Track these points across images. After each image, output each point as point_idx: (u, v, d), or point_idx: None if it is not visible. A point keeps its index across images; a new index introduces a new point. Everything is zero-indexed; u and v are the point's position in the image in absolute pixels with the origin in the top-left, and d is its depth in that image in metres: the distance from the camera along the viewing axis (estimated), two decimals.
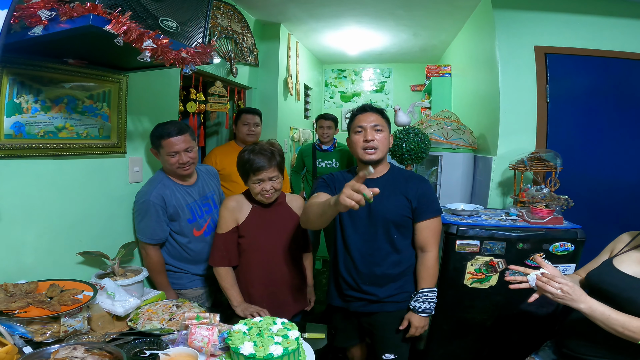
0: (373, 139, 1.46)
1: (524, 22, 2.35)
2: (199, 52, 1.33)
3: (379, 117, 1.51)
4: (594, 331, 1.09)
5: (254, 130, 2.51)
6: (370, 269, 1.52)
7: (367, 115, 1.51)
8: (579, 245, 1.72)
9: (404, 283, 1.55)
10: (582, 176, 2.27)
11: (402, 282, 1.55)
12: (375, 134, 1.47)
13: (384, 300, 1.53)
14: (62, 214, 1.44)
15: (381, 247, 1.51)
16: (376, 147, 1.47)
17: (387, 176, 1.55)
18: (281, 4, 2.83)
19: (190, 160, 1.68)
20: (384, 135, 1.50)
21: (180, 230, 1.72)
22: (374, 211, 1.49)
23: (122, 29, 1.04)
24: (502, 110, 2.31)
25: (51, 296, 1.12)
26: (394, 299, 1.54)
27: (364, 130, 1.48)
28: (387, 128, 1.52)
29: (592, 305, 1.08)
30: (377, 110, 1.54)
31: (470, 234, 1.76)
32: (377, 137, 1.47)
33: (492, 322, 1.87)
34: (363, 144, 1.48)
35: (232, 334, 1.06)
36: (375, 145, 1.47)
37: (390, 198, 1.49)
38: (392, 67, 4.85)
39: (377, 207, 1.48)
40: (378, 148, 1.47)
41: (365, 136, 1.47)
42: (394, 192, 1.50)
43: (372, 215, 1.50)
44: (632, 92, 2.30)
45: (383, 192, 1.45)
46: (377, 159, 1.49)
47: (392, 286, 1.53)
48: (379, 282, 1.52)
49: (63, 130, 1.40)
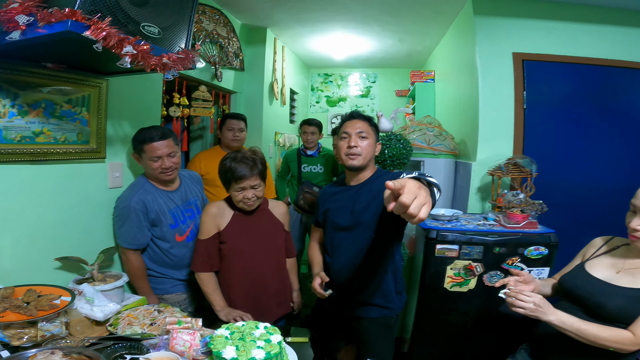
0: (356, 145, 1.49)
1: (503, 29, 2.40)
2: (181, 58, 1.33)
3: (365, 125, 1.53)
4: (567, 338, 1.12)
5: (239, 136, 2.51)
6: (352, 273, 1.53)
7: (353, 122, 1.54)
8: (553, 249, 1.78)
9: (385, 285, 1.54)
10: (558, 181, 2.33)
11: (383, 285, 1.54)
12: (359, 141, 1.50)
13: (368, 303, 1.54)
14: (40, 220, 1.42)
15: (362, 251, 1.52)
16: (359, 154, 1.50)
17: (367, 183, 1.55)
18: (267, 8, 2.84)
19: (173, 165, 1.68)
20: (369, 143, 1.51)
21: (162, 235, 1.71)
22: (355, 220, 1.51)
23: (101, 35, 1.04)
24: (482, 116, 2.36)
25: (28, 301, 1.11)
26: (377, 301, 1.53)
27: (349, 136, 1.51)
28: (372, 135, 1.54)
29: (561, 318, 1.11)
30: (365, 118, 1.56)
31: (449, 238, 1.80)
32: (362, 144, 1.50)
33: (473, 325, 1.91)
34: (346, 150, 1.51)
35: (215, 339, 1.06)
36: (358, 152, 1.49)
37: (368, 205, 1.49)
38: (378, 72, 4.91)
39: (357, 217, 1.50)
40: (361, 155, 1.50)
41: (349, 142, 1.50)
42: (374, 198, 1.49)
43: (355, 223, 1.51)
44: (606, 99, 2.37)
45: (361, 199, 1.49)
46: (359, 165, 1.51)
47: (374, 289, 1.54)
48: (362, 284, 1.53)
49: (40, 135, 1.38)
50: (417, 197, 0.77)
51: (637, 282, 1.11)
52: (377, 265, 1.52)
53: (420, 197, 0.77)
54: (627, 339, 1.04)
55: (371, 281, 1.53)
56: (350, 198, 1.54)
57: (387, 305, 1.54)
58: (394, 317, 1.58)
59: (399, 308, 1.57)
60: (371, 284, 1.53)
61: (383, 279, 1.53)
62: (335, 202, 1.59)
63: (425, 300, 1.93)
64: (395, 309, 1.56)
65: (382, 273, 1.52)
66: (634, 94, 2.37)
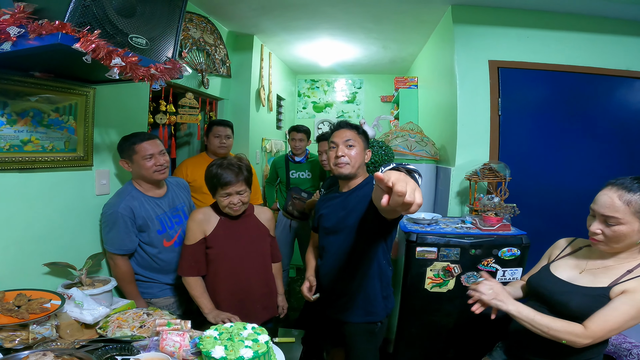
0: (343, 154, 1.52)
1: (480, 37, 2.46)
2: (168, 68, 1.36)
3: (353, 133, 1.56)
4: (537, 335, 1.17)
5: (226, 143, 2.52)
6: (337, 276, 1.58)
7: (341, 132, 1.57)
8: (525, 250, 1.87)
9: (370, 290, 1.56)
10: (530, 185, 2.42)
11: (368, 289, 1.55)
12: (347, 150, 1.53)
13: (351, 307, 1.56)
14: (29, 226, 1.44)
15: (346, 255, 1.55)
16: (347, 162, 1.53)
17: (356, 189, 1.57)
18: (254, 16, 2.89)
19: (165, 162, 1.72)
20: (356, 151, 1.54)
21: (150, 241, 1.74)
22: (341, 225, 1.55)
23: (90, 47, 1.07)
24: (460, 122, 2.44)
25: (19, 305, 1.14)
26: (360, 305, 1.55)
27: (337, 146, 1.55)
28: (361, 143, 1.57)
29: (518, 308, 1.18)
30: (352, 127, 1.59)
31: (428, 241, 1.88)
32: (350, 153, 1.53)
33: (455, 325, 1.97)
34: (334, 160, 1.55)
35: (204, 339, 1.10)
36: (346, 160, 1.53)
37: (353, 209, 1.52)
38: (363, 78, 4.99)
39: (342, 221, 1.54)
40: (349, 163, 1.53)
41: (337, 152, 1.54)
42: (359, 202, 1.51)
43: (340, 228, 1.56)
44: (576, 105, 2.46)
45: (349, 204, 1.53)
46: (348, 173, 1.54)
47: (357, 292, 1.56)
48: (345, 288, 1.57)
49: (28, 144, 1.40)
50: (408, 183, 0.76)
51: (597, 282, 1.18)
52: (360, 269, 1.54)
53: (410, 182, 0.77)
54: (578, 331, 1.09)
55: (355, 285, 1.55)
56: (340, 204, 1.58)
57: (371, 310, 1.56)
58: (379, 323, 1.59)
59: (383, 313, 1.58)
60: (355, 287, 1.55)
61: (367, 283, 1.55)
62: (327, 207, 1.64)
63: (408, 301, 1.98)
64: (379, 314, 1.57)
65: (366, 277, 1.54)
66: (602, 100, 2.47)
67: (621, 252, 1.19)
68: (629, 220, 1.11)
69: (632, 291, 1.09)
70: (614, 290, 1.12)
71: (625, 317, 1.07)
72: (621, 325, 1.08)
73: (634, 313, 1.07)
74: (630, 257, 1.18)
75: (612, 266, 1.19)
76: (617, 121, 2.46)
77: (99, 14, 1.13)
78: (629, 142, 2.47)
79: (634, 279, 1.12)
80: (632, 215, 1.11)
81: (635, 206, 1.10)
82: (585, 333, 1.09)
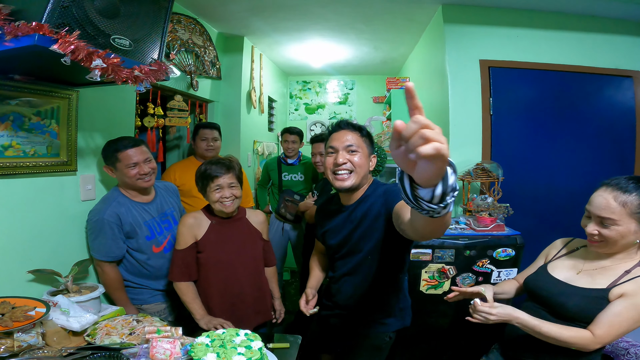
0: (344, 161, 1.26)
1: (470, 37, 2.47)
2: (153, 70, 1.34)
3: (356, 136, 1.29)
4: (533, 337, 1.17)
5: (213, 145, 2.50)
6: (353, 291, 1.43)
7: (341, 134, 1.29)
8: (519, 250, 1.86)
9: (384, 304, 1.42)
10: (523, 185, 2.42)
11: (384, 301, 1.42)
12: (348, 156, 1.27)
13: (366, 319, 1.43)
14: (12, 233, 1.40)
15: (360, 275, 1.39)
16: (350, 171, 1.26)
17: (361, 202, 1.33)
18: (244, 17, 2.86)
19: (150, 170, 1.68)
20: (360, 157, 1.27)
21: (138, 247, 1.70)
22: (353, 247, 1.37)
23: (69, 49, 1.04)
24: (452, 122, 2.44)
25: (2, 313, 1.11)
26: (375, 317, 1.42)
27: (336, 152, 1.28)
28: (365, 148, 1.30)
29: (524, 322, 1.17)
30: (354, 128, 1.31)
31: (422, 242, 1.86)
32: (352, 160, 1.27)
33: (451, 326, 1.97)
34: (333, 168, 1.28)
35: (195, 347, 1.07)
36: (349, 167, 1.26)
37: (364, 226, 1.32)
38: (355, 79, 4.98)
39: (355, 243, 1.34)
40: (353, 171, 1.26)
41: (336, 159, 1.27)
42: (370, 220, 1.31)
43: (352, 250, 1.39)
44: (568, 103, 2.47)
45: (355, 221, 1.31)
46: (350, 186, 1.27)
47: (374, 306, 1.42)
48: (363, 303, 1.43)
49: (9, 149, 1.36)
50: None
51: (595, 283, 1.17)
52: (378, 288, 1.38)
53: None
54: (587, 339, 1.10)
55: (372, 300, 1.40)
56: (345, 218, 1.37)
57: (383, 320, 1.41)
58: (388, 338, 1.42)
59: (396, 325, 1.42)
60: (370, 303, 1.41)
61: (382, 298, 1.40)
62: (331, 222, 1.45)
63: None
64: (390, 325, 1.41)
65: (383, 293, 1.40)
66: (592, 98, 2.49)
67: (618, 253, 1.18)
68: (625, 222, 1.11)
69: (632, 295, 1.09)
70: (613, 292, 1.12)
71: (630, 322, 1.09)
72: (626, 330, 1.10)
73: (637, 317, 1.08)
74: (627, 258, 1.17)
75: (610, 267, 1.18)
76: (607, 119, 2.48)
77: (79, 14, 1.11)
78: (619, 141, 2.48)
79: (633, 280, 1.11)
80: (628, 216, 1.10)
81: (632, 207, 1.10)
82: (595, 340, 1.09)
